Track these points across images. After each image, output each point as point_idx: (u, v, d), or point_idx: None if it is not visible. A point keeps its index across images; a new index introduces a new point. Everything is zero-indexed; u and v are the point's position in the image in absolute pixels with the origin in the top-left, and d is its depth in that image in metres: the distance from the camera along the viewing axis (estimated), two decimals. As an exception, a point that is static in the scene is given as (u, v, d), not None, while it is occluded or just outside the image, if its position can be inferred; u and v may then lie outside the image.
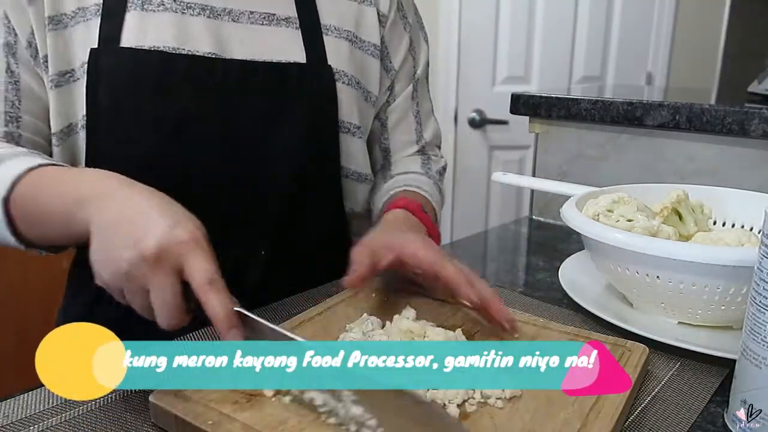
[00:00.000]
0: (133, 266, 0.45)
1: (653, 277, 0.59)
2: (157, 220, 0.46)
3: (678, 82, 2.28)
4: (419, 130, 0.86)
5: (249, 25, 0.68)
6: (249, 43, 0.68)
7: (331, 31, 0.72)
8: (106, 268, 0.46)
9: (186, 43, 0.65)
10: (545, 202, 1.11)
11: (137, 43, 0.64)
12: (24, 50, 0.63)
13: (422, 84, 0.86)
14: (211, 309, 0.45)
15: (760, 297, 0.43)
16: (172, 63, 0.64)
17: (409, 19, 0.82)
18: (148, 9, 0.64)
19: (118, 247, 0.45)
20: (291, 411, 0.44)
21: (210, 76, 0.65)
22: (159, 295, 0.45)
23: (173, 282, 0.45)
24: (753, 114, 0.86)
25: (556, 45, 2.17)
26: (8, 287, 1.68)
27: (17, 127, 0.64)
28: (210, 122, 0.66)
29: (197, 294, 0.45)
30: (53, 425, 0.46)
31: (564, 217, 0.67)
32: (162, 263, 0.45)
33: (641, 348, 0.54)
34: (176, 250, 0.45)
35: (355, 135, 0.76)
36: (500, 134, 2.22)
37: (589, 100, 1.02)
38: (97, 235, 0.47)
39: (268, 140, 0.69)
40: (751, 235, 0.63)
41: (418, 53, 0.84)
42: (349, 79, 0.73)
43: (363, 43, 0.76)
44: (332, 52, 0.72)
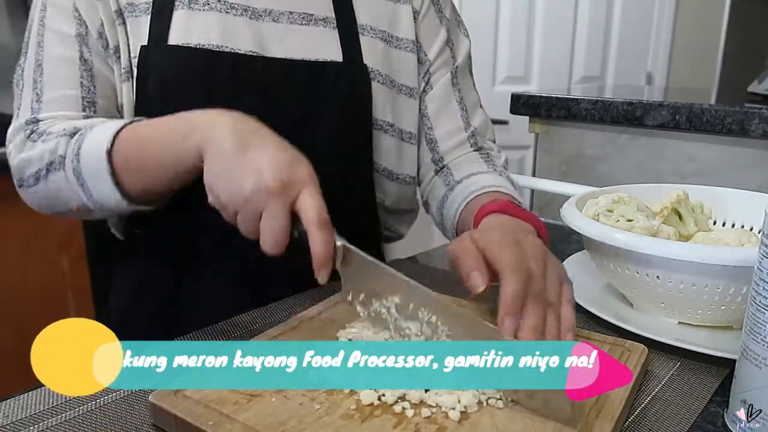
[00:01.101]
0: (254, 193, 0.49)
1: (653, 277, 0.59)
2: (279, 154, 0.51)
3: (678, 82, 2.29)
4: (465, 117, 0.84)
5: (289, 24, 0.71)
6: (288, 42, 0.70)
7: (367, 31, 0.75)
8: (226, 190, 0.50)
9: (229, 42, 0.68)
10: (545, 201, 1.11)
11: (184, 40, 0.67)
12: (95, 41, 0.67)
13: (464, 74, 0.85)
14: (315, 244, 0.49)
15: (760, 297, 0.43)
16: (215, 60, 0.67)
17: (446, 14, 0.83)
18: (195, 8, 0.68)
19: (241, 173, 0.50)
20: (291, 411, 0.44)
21: (251, 73, 0.68)
22: (271, 221, 0.49)
23: (286, 212, 0.50)
24: (753, 114, 0.86)
25: (556, 45, 2.17)
26: (8, 287, 1.68)
27: (94, 111, 0.68)
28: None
29: (307, 227, 0.50)
30: (53, 425, 0.46)
31: (564, 217, 0.67)
32: (280, 194, 0.49)
33: (641, 348, 0.54)
34: (295, 185, 0.50)
35: (387, 132, 0.78)
36: (500, 134, 2.20)
37: (589, 100, 1.02)
38: (217, 159, 0.51)
39: (304, 136, 0.69)
40: (751, 235, 0.63)
41: (456, 45, 0.84)
42: (383, 78, 0.75)
43: (399, 41, 0.78)
44: (368, 51, 0.74)
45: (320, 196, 0.51)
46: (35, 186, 0.66)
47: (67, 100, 0.67)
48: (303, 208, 0.50)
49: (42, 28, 0.68)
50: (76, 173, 0.62)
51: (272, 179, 0.49)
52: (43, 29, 0.68)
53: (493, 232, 0.54)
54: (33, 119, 0.67)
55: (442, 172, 0.82)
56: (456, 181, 0.78)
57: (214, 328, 0.61)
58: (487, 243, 0.52)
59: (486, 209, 0.62)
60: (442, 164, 0.83)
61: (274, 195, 0.49)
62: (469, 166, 0.80)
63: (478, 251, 0.51)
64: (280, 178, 0.49)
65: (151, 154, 0.58)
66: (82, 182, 0.62)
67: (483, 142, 0.86)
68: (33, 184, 0.66)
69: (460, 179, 0.78)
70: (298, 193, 0.50)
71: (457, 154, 0.83)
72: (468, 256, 0.51)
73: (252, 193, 0.49)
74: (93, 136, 0.61)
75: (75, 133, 0.63)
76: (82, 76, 0.67)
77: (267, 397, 0.45)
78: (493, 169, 0.79)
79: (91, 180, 0.61)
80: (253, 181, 0.49)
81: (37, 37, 0.68)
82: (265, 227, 0.50)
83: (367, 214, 0.82)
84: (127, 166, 0.60)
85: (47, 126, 0.66)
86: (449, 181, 0.79)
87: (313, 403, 0.45)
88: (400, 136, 0.80)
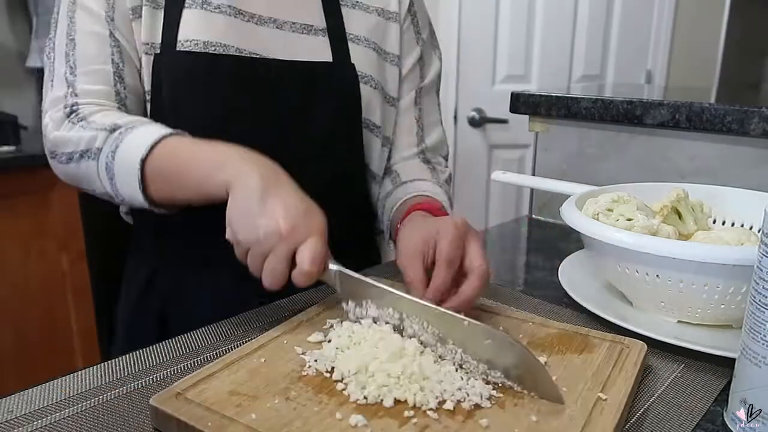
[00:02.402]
0: (268, 236, 0.54)
1: (653, 275, 0.59)
2: (297, 203, 0.56)
3: (678, 80, 2.28)
4: (420, 134, 0.90)
5: (290, 33, 0.77)
6: (288, 48, 0.76)
7: (361, 40, 0.81)
8: (244, 228, 0.55)
9: (235, 43, 0.73)
10: (545, 201, 1.11)
11: (194, 36, 0.72)
12: (122, 22, 0.72)
13: (428, 94, 0.91)
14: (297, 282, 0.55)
15: (760, 296, 0.43)
16: (221, 61, 0.72)
17: (423, 36, 0.89)
18: (207, 9, 0.73)
19: (261, 216, 0.54)
20: (295, 413, 0.44)
21: (252, 73, 0.73)
22: (274, 262, 0.54)
23: (289, 256, 0.54)
24: (753, 113, 0.86)
25: (556, 44, 2.17)
26: (8, 287, 1.68)
27: (123, 87, 0.73)
28: (249, 116, 0.74)
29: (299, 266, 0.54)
30: (55, 421, 0.46)
31: (564, 216, 0.67)
32: (289, 239, 0.54)
33: (639, 345, 0.55)
34: (303, 233, 0.54)
35: (373, 132, 0.84)
36: (500, 133, 2.23)
37: (589, 99, 1.02)
38: (241, 199, 0.56)
39: (300, 131, 0.76)
40: (750, 234, 0.63)
41: (427, 66, 0.90)
42: (375, 83, 0.82)
43: (387, 55, 0.84)
44: (358, 56, 0.80)
45: (323, 246, 0.55)
46: (67, 165, 0.70)
47: (99, 74, 0.71)
48: (300, 251, 0.54)
49: (73, 5, 0.72)
50: (108, 169, 0.66)
51: (285, 226, 0.53)
52: (75, 6, 0.72)
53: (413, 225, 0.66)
54: (72, 94, 0.71)
55: (390, 173, 0.88)
56: (402, 181, 0.85)
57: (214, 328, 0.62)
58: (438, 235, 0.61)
59: (412, 208, 0.74)
60: (391, 169, 0.89)
61: (283, 239, 0.53)
62: (414, 172, 0.86)
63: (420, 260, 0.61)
64: (292, 225, 0.54)
65: (182, 177, 0.62)
66: (112, 177, 0.66)
67: (433, 157, 0.92)
68: (65, 162, 0.70)
69: (405, 181, 0.85)
70: (304, 240, 0.54)
71: (406, 162, 0.89)
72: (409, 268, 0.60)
73: (266, 235, 0.54)
74: (132, 139, 0.65)
75: (115, 129, 0.67)
76: (113, 53, 0.72)
77: (269, 399, 0.45)
78: (435, 181, 0.85)
79: (120, 179, 0.65)
80: (270, 225, 0.54)
81: (69, 13, 0.72)
82: (268, 267, 0.54)
83: (364, 212, 0.87)
84: (156, 179, 0.64)
85: (88, 111, 0.70)
86: (396, 180, 0.86)
87: (316, 405, 0.45)
88: (384, 141, 0.86)
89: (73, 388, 0.50)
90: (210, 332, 0.61)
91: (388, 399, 0.45)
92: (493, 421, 0.43)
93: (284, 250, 0.54)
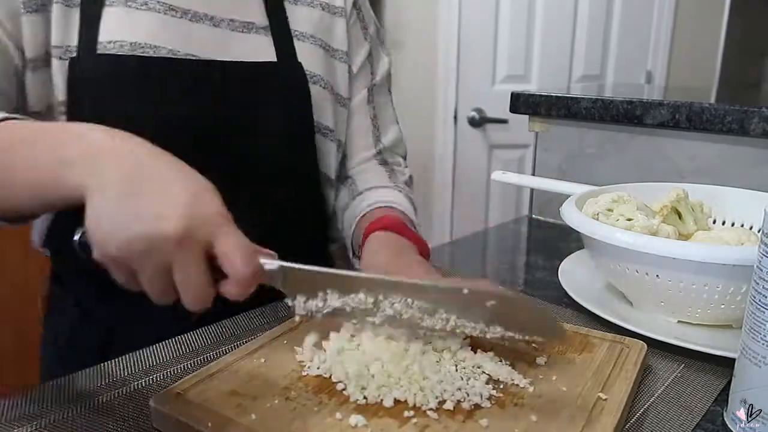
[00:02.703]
0: (153, 244, 0.39)
1: (653, 275, 0.59)
2: (176, 191, 0.41)
3: (677, 81, 2.28)
4: (376, 134, 0.86)
5: (229, 31, 0.70)
6: (228, 48, 0.70)
7: (306, 38, 0.75)
8: (114, 240, 0.40)
9: (168, 43, 0.65)
10: (545, 201, 1.11)
11: (119, 37, 0.63)
12: (2, 13, 0.60)
13: (381, 91, 0.86)
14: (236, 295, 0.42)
15: (760, 296, 0.43)
16: (153, 65, 0.64)
17: (370, 31, 0.85)
18: (131, 6, 0.65)
19: (132, 219, 0.40)
20: (295, 413, 0.44)
21: (188, 77, 0.66)
22: (184, 276, 0.41)
23: (199, 262, 0.41)
24: (753, 113, 0.86)
25: (556, 44, 2.17)
26: (8, 287, 1.68)
27: None
28: (192, 124, 0.66)
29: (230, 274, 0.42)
30: (56, 420, 0.46)
31: (564, 216, 0.67)
32: (188, 242, 0.40)
33: (639, 344, 0.55)
34: (204, 228, 0.41)
35: (326, 136, 0.78)
36: (500, 133, 2.22)
37: (589, 99, 1.02)
38: (99, 201, 0.41)
39: (247, 140, 0.70)
40: (750, 234, 0.63)
41: (376, 63, 0.85)
42: (324, 83, 0.76)
43: (335, 52, 0.79)
44: (305, 55, 0.74)
45: (236, 230, 0.42)
46: None
47: None
48: (222, 252, 0.41)
49: None
50: None
51: (172, 227, 0.39)
52: None
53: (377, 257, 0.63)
54: None
55: (347, 182, 0.84)
56: (358, 192, 0.80)
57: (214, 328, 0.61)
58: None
59: (372, 227, 0.68)
60: (348, 175, 0.84)
61: (178, 244, 0.40)
62: (371, 178, 0.82)
63: None
64: (183, 225, 0.39)
65: (17, 180, 0.46)
66: None
67: (391, 157, 0.88)
68: None
69: (361, 191, 0.80)
70: (211, 235, 0.41)
71: (362, 167, 0.85)
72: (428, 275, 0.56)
73: (150, 243, 0.39)
74: None
75: None
76: None
77: (269, 399, 0.45)
78: (394, 185, 0.81)
79: None
80: (150, 230, 0.39)
81: None
82: (182, 283, 0.41)
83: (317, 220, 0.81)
84: None
85: None
86: (353, 190, 0.81)
87: (316, 405, 0.45)
88: (338, 145, 0.81)
89: (74, 388, 0.50)
90: (210, 332, 0.61)
91: (388, 399, 0.45)
92: (493, 421, 0.43)
93: (189, 257, 0.40)
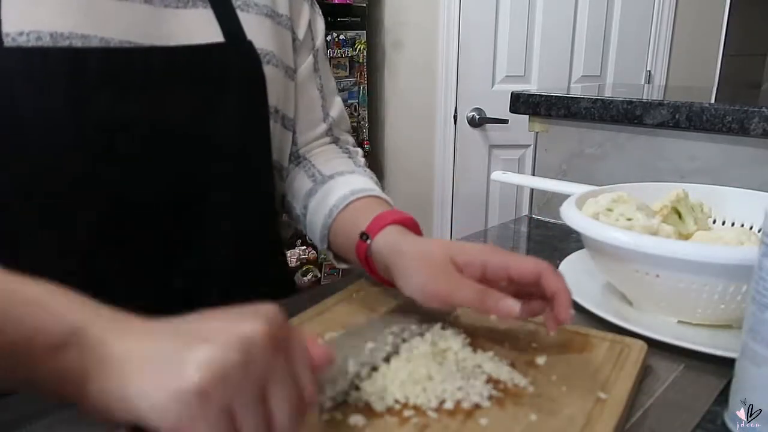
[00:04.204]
0: (249, 349, 0.31)
1: (653, 275, 0.59)
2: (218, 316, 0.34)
3: (677, 81, 2.28)
4: (325, 107, 0.78)
5: (163, 8, 0.60)
6: (166, 29, 0.60)
7: (251, 6, 0.66)
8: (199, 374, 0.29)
9: (95, 30, 0.54)
10: (545, 201, 1.11)
11: (29, 27, 0.51)
12: None
13: (322, 58, 0.78)
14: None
15: (760, 296, 0.43)
16: (79, 59, 0.53)
17: None
18: None
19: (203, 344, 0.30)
20: (291, 410, 0.44)
21: (128, 70, 0.56)
22: (284, 383, 0.32)
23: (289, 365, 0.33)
24: (753, 113, 0.86)
25: (556, 44, 2.17)
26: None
27: None
28: (137, 122, 0.57)
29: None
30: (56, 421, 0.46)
31: (563, 216, 0.67)
32: (275, 340, 0.32)
33: (640, 344, 0.54)
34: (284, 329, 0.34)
35: (286, 127, 0.73)
36: (500, 133, 2.23)
37: (589, 99, 1.02)
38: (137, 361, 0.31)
39: (199, 136, 0.62)
40: (751, 234, 0.63)
41: (315, 25, 0.77)
42: (276, 59, 0.68)
43: (281, 18, 0.70)
44: (252, 29, 0.65)
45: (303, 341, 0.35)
46: None
47: None
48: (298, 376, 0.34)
49: None
50: None
51: (256, 324, 0.32)
52: None
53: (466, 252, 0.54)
54: None
55: (301, 163, 0.76)
56: (326, 176, 0.72)
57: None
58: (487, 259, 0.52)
59: (383, 220, 0.61)
60: (299, 155, 0.77)
61: (272, 345, 0.32)
62: (335, 162, 0.75)
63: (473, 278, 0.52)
64: (262, 321, 0.32)
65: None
66: None
67: (339, 133, 0.81)
68: None
69: (330, 174, 0.72)
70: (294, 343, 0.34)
71: (314, 146, 0.78)
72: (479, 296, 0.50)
73: (246, 351, 0.31)
74: None
75: None
76: None
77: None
78: (363, 170, 0.74)
79: None
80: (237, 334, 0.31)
81: None
82: (278, 399, 0.32)
83: (272, 214, 0.74)
84: None
85: None
86: (314, 174, 0.74)
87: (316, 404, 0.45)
88: (283, 124, 0.72)
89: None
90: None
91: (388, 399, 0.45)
92: (493, 421, 0.43)
93: (281, 362, 0.33)
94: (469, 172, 2.28)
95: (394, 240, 0.59)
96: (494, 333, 0.56)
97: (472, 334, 0.55)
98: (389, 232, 0.60)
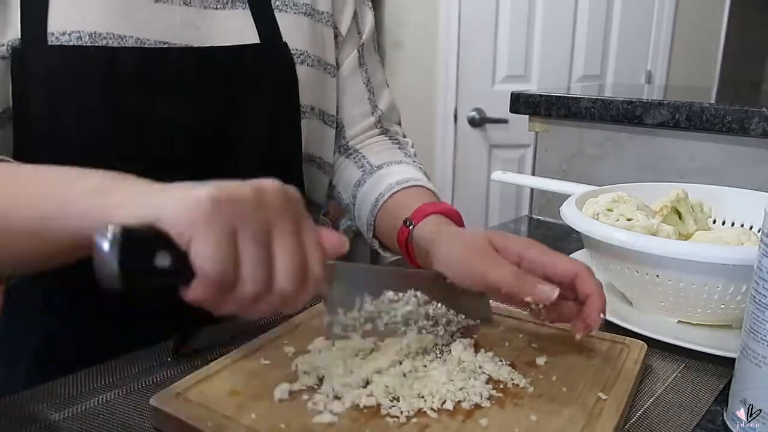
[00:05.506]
0: (261, 195, 0.36)
1: (653, 275, 0.59)
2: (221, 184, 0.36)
3: (678, 80, 2.28)
4: (372, 99, 0.78)
5: (202, 9, 0.62)
6: (204, 29, 0.62)
7: (289, 6, 0.67)
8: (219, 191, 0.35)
9: (133, 31, 0.57)
10: (545, 200, 1.11)
11: (75, 27, 0.54)
12: None
13: (369, 52, 0.79)
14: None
15: (760, 296, 0.43)
16: (116, 58, 0.56)
17: None
18: None
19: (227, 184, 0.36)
20: (295, 413, 0.44)
21: (164, 69, 0.59)
22: (285, 241, 0.36)
23: (299, 231, 0.37)
24: (753, 113, 0.86)
25: (556, 44, 2.16)
26: (8, 287, 1.68)
27: None
28: (169, 121, 0.60)
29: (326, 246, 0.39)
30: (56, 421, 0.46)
31: (563, 216, 0.67)
32: (287, 204, 0.37)
33: (639, 344, 0.55)
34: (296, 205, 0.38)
35: (307, 117, 0.72)
36: (500, 133, 2.22)
37: (589, 99, 1.02)
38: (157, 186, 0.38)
39: (230, 132, 0.64)
40: (750, 234, 0.63)
41: (362, 19, 0.78)
42: (312, 59, 0.69)
43: (321, 15, 0.71)
44: (289, 30, 0.67)
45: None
46: None
47: None
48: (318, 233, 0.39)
49: None
50: None
51: (275, 184, 0.38)
52: None
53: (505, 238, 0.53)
54: None
55: (351, 155, 0.77)
56: (375, 166, 0.74)
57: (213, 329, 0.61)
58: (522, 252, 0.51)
59: (427, 209, 0.62)
60: (348, 147, 0.78)
61: (283, 204, 0.37)
62: (385, 153, 0.76)
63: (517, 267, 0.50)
64: (280, 185, 0.38)
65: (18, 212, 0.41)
66: None
67: (390, 125, 0.81)
68: None
69: (379, 165, 0.74)
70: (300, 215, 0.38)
71: (364, 138, 0.78)
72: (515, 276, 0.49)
73: (259, 194, 0.36)
74: None
75: None
76: None
77: (269, 399, 0.45)
78: (412, 161, 0.76)
79: None
80: (254, 184, 0.37)
81: None
82: (280, 255, 0.36)
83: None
84: None
85: None
86: (364, 164, 0.75)
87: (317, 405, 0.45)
88: (323, 120, 0.73)
89: (74, 388, 0.50)
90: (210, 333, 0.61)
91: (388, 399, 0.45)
92: (493, 421, 0.43)
93: (289, 223, 0.36)
94: (469, 172, 2.28)
95: (435, 228, 0.59)
96: (494, 333, 0.56)
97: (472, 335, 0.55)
98: (432, 221, 0.61)
